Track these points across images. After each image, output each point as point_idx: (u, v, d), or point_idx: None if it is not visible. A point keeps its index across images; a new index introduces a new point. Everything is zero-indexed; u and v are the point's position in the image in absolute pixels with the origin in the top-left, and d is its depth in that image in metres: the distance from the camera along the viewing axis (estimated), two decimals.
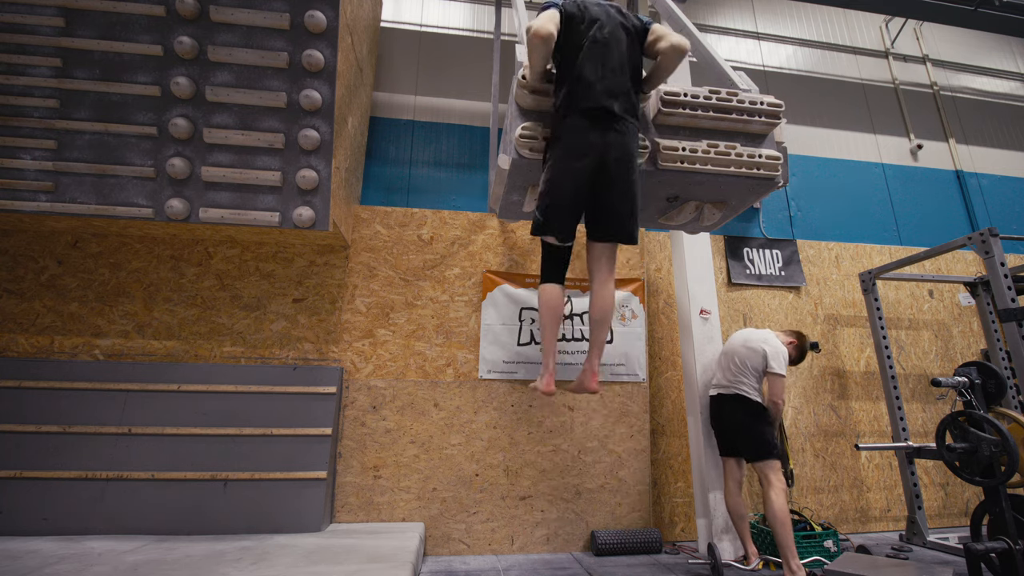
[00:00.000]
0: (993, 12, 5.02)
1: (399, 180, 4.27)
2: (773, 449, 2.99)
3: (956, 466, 2.89)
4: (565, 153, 2.04)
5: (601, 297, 2.13)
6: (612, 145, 2.02)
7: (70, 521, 2.98)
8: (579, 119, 2.03)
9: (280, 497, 3.16)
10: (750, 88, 2.45)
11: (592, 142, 2.01)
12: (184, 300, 3.55)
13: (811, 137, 5.24)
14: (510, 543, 3.47)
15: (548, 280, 2.19)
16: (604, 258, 2.15)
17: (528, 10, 4.93)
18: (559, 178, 2.04)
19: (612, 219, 2.08)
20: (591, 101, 2.03)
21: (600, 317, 2.11)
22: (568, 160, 2.03)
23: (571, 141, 2.03)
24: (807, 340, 3.37)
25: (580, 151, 2.01)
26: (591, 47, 2.11)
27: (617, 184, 2.03)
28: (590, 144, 2.01)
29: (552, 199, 2.05)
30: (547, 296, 2.17)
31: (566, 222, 2.08)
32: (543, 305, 2.17)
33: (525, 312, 3.87)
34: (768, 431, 3.05)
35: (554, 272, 2.20)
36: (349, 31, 3.34)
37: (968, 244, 3.35)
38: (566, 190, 2.03)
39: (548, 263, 2.21)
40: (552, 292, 2.17)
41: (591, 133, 2.01)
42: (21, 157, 2.95)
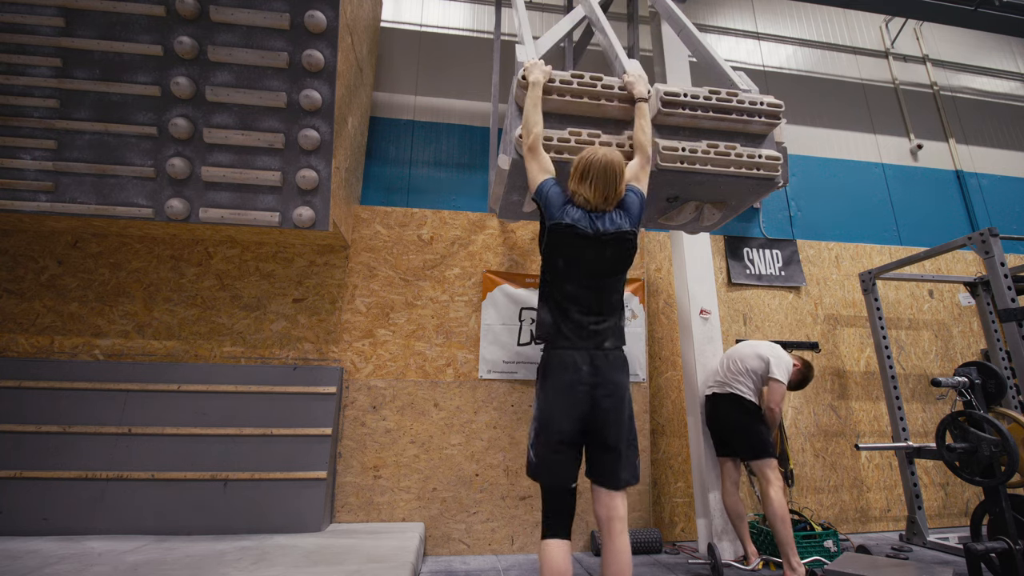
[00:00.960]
0: (993, 12, 5.02)
1: (399, 180, 4.27)
2: (769, 447, 3.00)
3: (956, 466, 2.89)
4: (555, 390, 1.86)
5: (615, 553, 1.76)
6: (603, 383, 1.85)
7: (70, 521, 2.98)
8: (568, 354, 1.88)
9: (280, 497, 3.16)
10: (750, 88, 2.45)
11: (582, 380, 1.84)
12: (184, 300, 3.55)
13: (811, 137, 5.24)
14: (510, 543, 3.47)
15: (551, 535, 1.79)
16: (612, 504, 1.84)
17: (528, 10, 4.94)
18: (550, 417, 1.84)
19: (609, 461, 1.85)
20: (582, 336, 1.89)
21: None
22: (558, 397, 1.85)
23: (561, 378, 1.86)
24: (812, 371, 3.32)
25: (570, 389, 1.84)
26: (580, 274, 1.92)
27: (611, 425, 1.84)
28: (580, 381, 1.84)
29: (543, 438, 1.84)
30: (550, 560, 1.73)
31: (561, 464, 1.82)
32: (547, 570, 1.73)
33: (525, 312, 3.87)
34: (764, 430, 3.06)
35: (557, 523, 1.81)
36: (349, 31, 3.34)
37: (968, 244, 3.35)
38: (558, 430, 1.82)
39: (550, 510, 1.83)
40: (556, 554, 1.74)
41: (581, 371, 1.85)
42: (21, 157, 2.94)
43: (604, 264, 1.93)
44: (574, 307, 1.92)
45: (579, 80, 2.25)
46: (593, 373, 1.86)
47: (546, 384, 1.90)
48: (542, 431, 1.86)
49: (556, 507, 1.84)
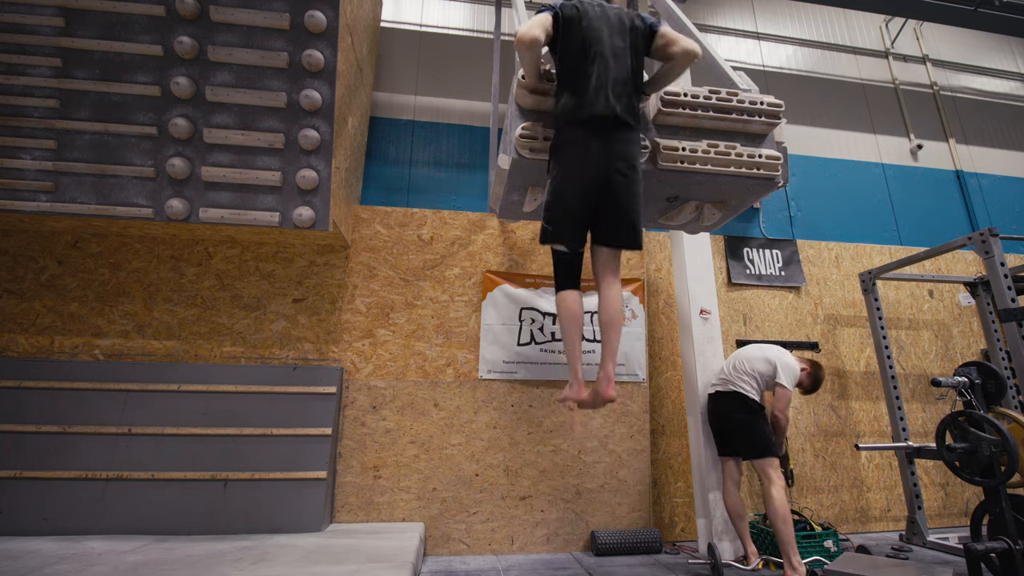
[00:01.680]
0: (993, 12, 5.02)
1: (399, 180, 4.27)
2: (772, 446, 3.00)
3: (956, 466, 2.89)
4: (568, 164, 2.03)
5: (609, 299, 2.10)
6: (614, 155, 2.01)
7: (70, 521, 2.98)
8: (579, 129, 2.02)
9: (280, 497, 3.16)
10: (750, 88, 2.45)
11: (594, 152, 2.00)
12: (184, 300, 3.55)
13: (811, 137, 5.24)
14: (510, 543, 3.47)
15: (564, 287, 2.15)
16: (610, 262, 2.14)
17: (528, 10, 4.94)
18: (563, 189, 2.03)
19: (617, 227, 2.07)
20: (591, 110, 2.02)
21: (609, 319, 2.08)
22: (571, 171, 2.02)
23: (573, 151, 2.02)
24: (822, 372, 3.32)
25: (582, 162, 2.00)
26: (591, 52, 2.08)
27: (621, 193, 2.02)
28: (592, 154, 1.99)
29: (557, 210, 2.05)
30: (567, 304, 2.12)
31: (573, 231, 2.07)
32: (563, 314, 2.12)
33: (525, 312, 3.87)
34: (766, 429, 3.06)
35: (568, 279, 2.16)
36: (349, 31, 3.34)
37: (968, 244, 3.35)
38: (571, 201, 2.02)
39: (561, 271, 2.17)
40: (571, 299, 2.12)
41: (592, 143, 2.00)
42: (21, 157, 2.95)
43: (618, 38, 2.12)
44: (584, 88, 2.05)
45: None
46: (605, 146, 2.01)
47: (559, 157, 2.06)
48: (556, 199, 2.04)
49: (568, 269, 2.14)
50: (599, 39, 2.10)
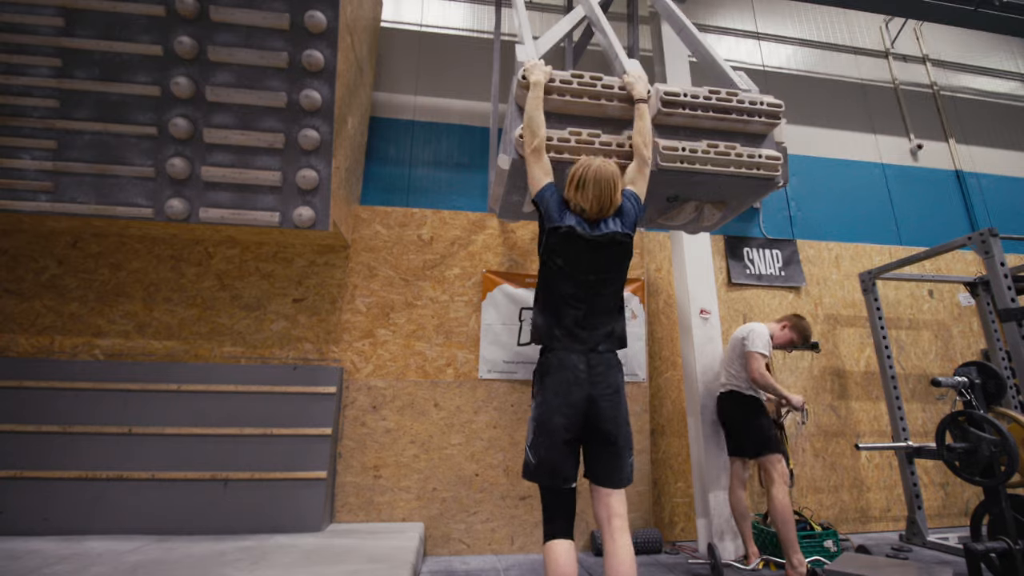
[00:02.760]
0: (993, 12, 5.02)
1: (399, 180, 4.27)
2: (771, 443, 3.00)
3: (956, 466, 2.89)
4: (552, 390, 1.88)
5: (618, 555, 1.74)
6: (599, 382, 1.88)
7: (70, 521, 2.98)
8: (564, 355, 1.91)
9: (280, 497, 3.16)
10: (750, 88, 2.45)
11: (579, 379, 1.87)
12: (184, 300, 3.55)
13: (811, 137, 5.24)
14: (510, 543, 3.47)
15: (552, 535, 1.79)
16: (611, 503, 1.85)
17: (528, 10, 4.94)
18: (548, 417, 1.85)
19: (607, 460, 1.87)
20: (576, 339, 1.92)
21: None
22: (555, 397, 1.86)
23: (558, 377, 1.88)
24: (804, 321, 3.29)
25: (567, 388, 1.86)
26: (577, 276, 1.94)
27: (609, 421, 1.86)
28: (577, 381, 1.86)
29: (543, 440, 1.84)
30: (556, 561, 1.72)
31: (560, 464, 1.82)
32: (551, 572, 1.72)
33: (525, 312, 3.87)
34: (762, 424, 3.05)
35: (558, 524, 1.81)
36: (349, 31, 3.34)
37: (968, 244, 3.35)
38: (557, 429, 1.83)
39: (549, 512, 1.84)
40: (560, 554, 1.74)
41: (578, 370, 1.88)
42: (21, 157, 2.94)
43: (599, 267, 1.96)
44: (569, 309, 1.95)
45: (579, 80, 2.25)
46: (589, 373, 1.89)
47: (544, 385, 1.92)
48: (541, 431, 1.86)
49: (557, 508, 1.84)
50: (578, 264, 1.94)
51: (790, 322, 3.30)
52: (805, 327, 3.28)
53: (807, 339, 3.28)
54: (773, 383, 3.05)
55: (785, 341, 3.29)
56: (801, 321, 3.29)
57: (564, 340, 1.92)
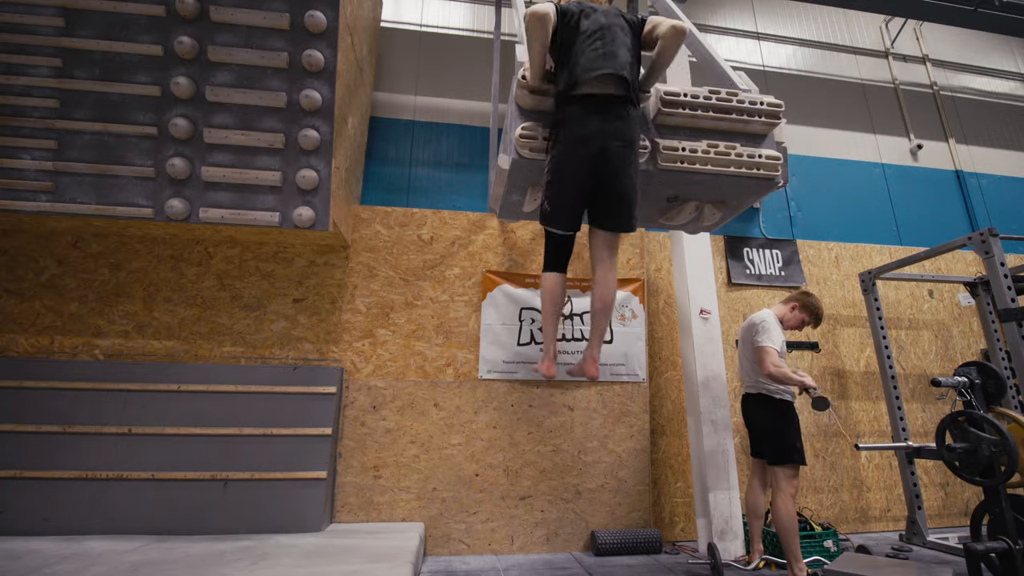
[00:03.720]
0: (993, 12, 5.02)
1: (399, 180, 4.27)
2: (793, 454, 2.87)
3: (956, 466, 2.89)
4: (568, 141, 2.05)
5: (604, 285, 2.15)
6: (614, 132, 2.03)
7: (70, 521, 2.98)
8: (580, 106, 2.05)
9: (280, 497, 3.16)
10: (750, 88, 2.45)
11: (594, 129, 2.02)
12: (184, 300, 3.55)
13: (811, 137, 5.24)
14: (510, 543, 3.47)
15: (552, 269, 2.24)
16: (607, 246, 2.18)
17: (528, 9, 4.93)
18: (563, 166, 2.06)
19: (612, 207, 2.10)
20: (592, 86, 2.05)
21: (602, 305, 2.13)
22: (571, 148, 2.04)
23: (573, 129, 2.04)
24: (813, 298, 3.18)
25: (583, 138, 2.02)
26: (590, 35, 2.13)
27: (618, 171, 2.05)
28: (592, 131, 2.02)
29: (558, 187, 2.08)
30: (550, 284, 2.22)
31: (572, 210, 2.12)
32: (546, 292, 2.22)
33: (525, 312, 3.87)
34: (787, 433, 2.91)
35: (558, 261, 2.24)
36: (349, 31, 3.34)
37: (968, 244, 3.35)
38: (571, 178, 2.06)
39: (552, 252, 2.24)
40: (555, 280, 2.22)
41: (592, 120, 2.02)
42: (21, 157, 2.95)
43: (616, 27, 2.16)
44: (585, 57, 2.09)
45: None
46: (605, 123, 2.03)
47: (560, 135, 2.08)
48: (557, 179, 2.08)
49: (560, 251, 2.23)
50: (598, 24, 2.16)
51: (799, 301, 3.20)
52: (814, 304, 3.16)
53: (818, 316, 3.16)
54: (788, 373, 2.90)
55: (796, 322, 3.19)
56: (810, 299, 3.18)
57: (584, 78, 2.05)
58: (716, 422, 3.53)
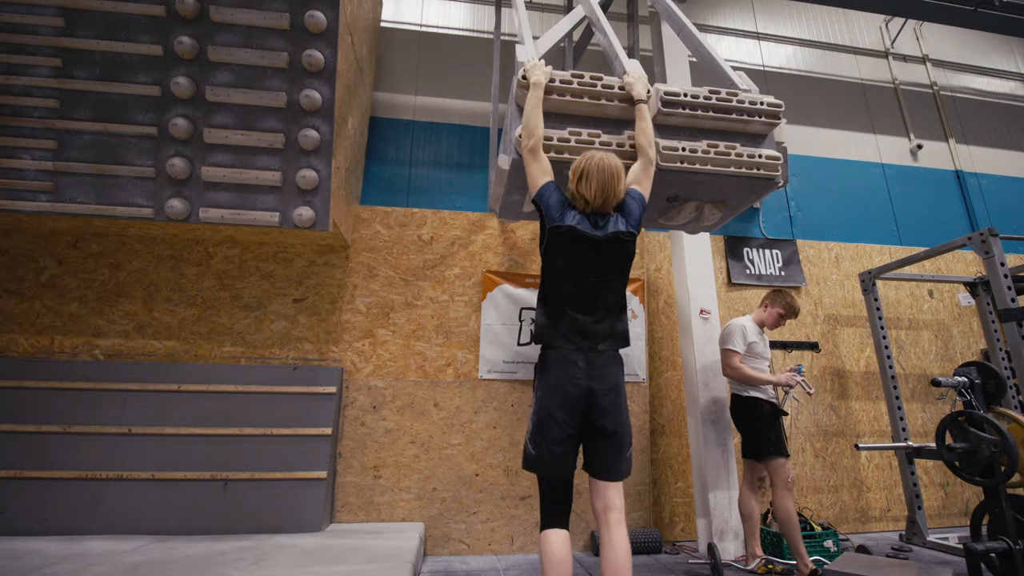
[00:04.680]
0: (993, 12, 5.02)
1: (399, 180, 4.27)
2: (770, 446, 2.98)
3: (956, 466, 2.89)
4: (552, 386, 1.90)
5: (614, 548, 1.79)
6: (599, 378, 1.90)
7: (70, 521, 2.98)
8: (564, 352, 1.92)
9: (280, 497, 3.16)
10: (750, 88, 2.45)
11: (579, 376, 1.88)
12: (184, 300, 3.55)
13: (811, 137, 5.24)
14: (510, 543, 3.47)
15: (550, 525, 1.85)
16: (608, 496, 1.89)
17: (528, 10, 4.94)
18: (548, 411, 1.88)
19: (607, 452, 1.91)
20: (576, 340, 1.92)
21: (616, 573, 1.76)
22: (555, 393, 1.89)
23: (558, 373, 1.90)
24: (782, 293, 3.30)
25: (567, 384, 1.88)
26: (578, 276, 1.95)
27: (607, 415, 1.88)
28: (577, 377, 1.88)
29: (541, 432, 1.88)
30: (551, 549, 1.78)
31: (559, 456, 1.86)
32: (547, 564, 1.76)
33: (525, 312, 3.87)
34: (764, 428, 3.03)
35: (554, 514, 1.87)
36: (349, 31, 3.34)
37: (968, 244, 3.35)
38: (555, 423, 1.86)
39: (546, 502, 1.89)
40: (556, 542, 1.79)
41: (577, 368, 1.89)
42: (21, 157, 2.94)
43: (602, 265, 1.95)
44: (571, 308, 1.95)
45: (579, 80, 2.25)
46: (589, 370, 1.90)
47: (544, 380, 1.94)
48: (541, 425, 1.90)
49: (554, 499, 1.89)
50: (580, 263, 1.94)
51: (769, 299, 3.32)
52: (784, 298, 3.28)
53: (793, 308, 3.27)
54: (750, 373, 3.08)
55: (774, 319, 3.28)
56: (779, 295, 3.30)
57: (565, 340, 1.93)
58: (716, 422, 3.53)
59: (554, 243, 1.96)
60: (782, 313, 3.27)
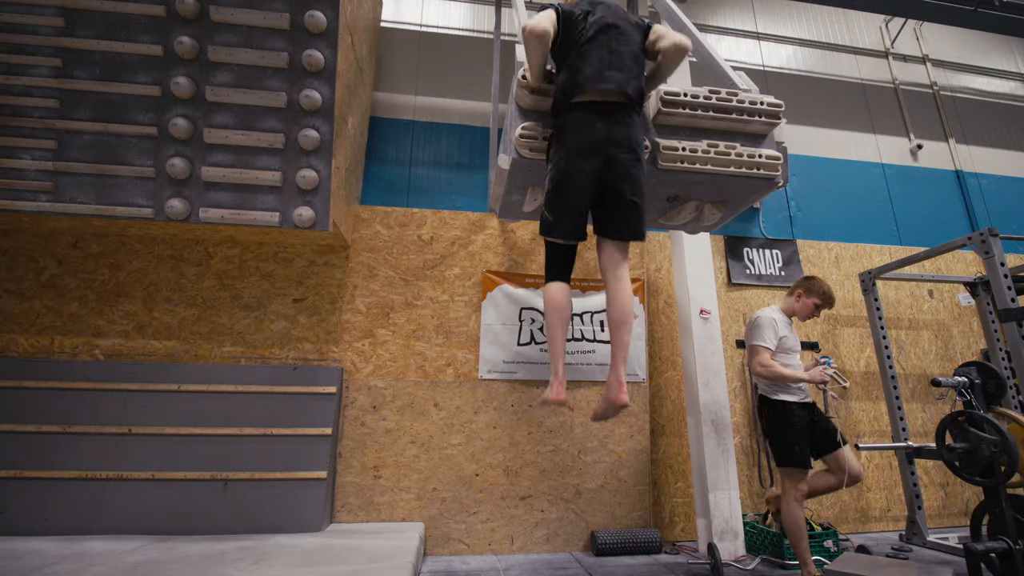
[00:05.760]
0: (993, 12, 5.02)
1: (399, 180, 4.27)
2: (785, 454, 2.82)
3: (956, 466, 2.89)
4: (571, 149, 1.96)
5: (619, 296, 1.99)
6: (618, 139, 1.95)
7: (70, 521, 2.98)
8: (583, 112, 1.97)
9: (280, 497, 3.16)
10: (750, 88, 2.45)
11: (598, 137, 1.93)
12: (184, 300, 3.55)
13: (811, 137, 5.24)
14: (510, 543, 3.47)
15: (554, 279, 2.10)
16: (617, 255, 2.03)
17: (528, 10, 4.94)
18: (566, 175, 1.96)
19: (619, 216, 2.00)
20: (595, 92, 1.97)
21: (620, 318, 1.95)
22: (574, 156, 1.95)
23: (576, 136, 1.96)
24: (816, 280, 3.04)
25: (586, 147, 1.94)
26: (594, 37, 2.05)
27: (623, 178, 1.95)
28: (596, 139, 1.93)
29: (559, 198, 1.98)
30: (554, 295, 2.06)
31: (575, 221, 2.00)
32: (550, 305, 2.04)
33: (525, 312, 3.87)
34: (786, 433, 2.82)
35: (560, 271, 2.11)
36: (349, 31, 3.34)
37: (968, 244, 3.35)
38: (573, 188, 1.95)
39: (553, 262, 2.11)
40: (559, 291, 2.07)
41: (596, 127, 1.94)
42: (21, 157, 2.95)
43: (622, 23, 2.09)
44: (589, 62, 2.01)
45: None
46: (607, 131, 1.95)
47: (561, 142, 2.00)
48: (557, 188, 1.98)
49: (561, 260, 2.11)
50: (603, 23, 2.08)
51: (803, 287, 3.07)
52: (819, 286, 3.02)
53: (830, 296, 3.01)
54: (781, 371, 2.84)
55: (808, 310, 3.03)
56: (813, 281, 3.05)
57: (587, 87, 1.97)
58: (716, 422, 3.53)
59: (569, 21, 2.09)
60: (818, 303, 3.01)
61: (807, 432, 2.86)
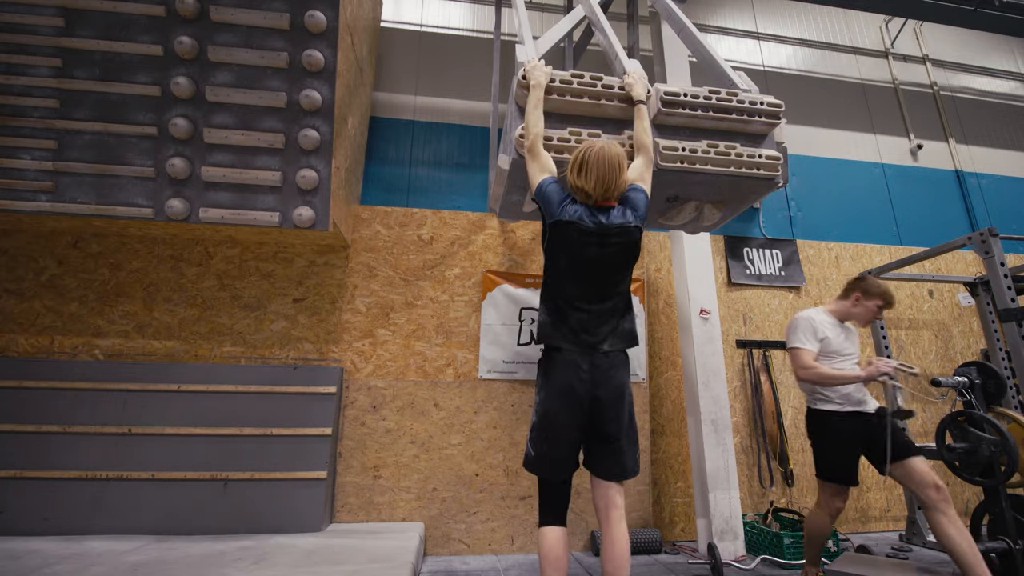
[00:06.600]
0: (993, 12, 5.02)
1: (399, 180, 4.27)
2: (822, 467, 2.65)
3: (956, 466, 2.89)
4: (554, 387, 1.87)
5: (614, 542, 1.81)
6: (603, 382, 1.85)
7: (70, 521, 2.98)
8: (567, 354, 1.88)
9: (280, 497, 3.16)
10: (750, 88, 2.45)
11: (583, 379, 1.84)
12: (184, 300, 3.55)
13: (811, 137, 5.24)
14: (510, 543, 3.47)
15: (547, 523, 1.86)
16: (611, 493, 1.88)
17: (528, 10, 4.94)
18: (550, 415, 1.86)
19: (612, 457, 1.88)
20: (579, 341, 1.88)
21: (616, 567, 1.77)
22: (558, 396, 1.85)
23: (561, 376, 1.86)
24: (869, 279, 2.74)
25: (569, 386, 1.84)
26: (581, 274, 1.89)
27: (612, 421, 1.85)
28: (580, 381, 1.84)
29: (544, 436, 1.86)
30: (550, 547, 1.80)
31: (562, 460, 1.87)
32: (544, 560, 1.80)
33: (525, 312, 3.87)
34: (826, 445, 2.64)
35: (553, 510, 1.88)
36: (349, 31, 3.34)
37: (968, 244, 3.34)
38: (558, 428, 1.84)
39: (545, 501, 1.90)
40: (554, 540, 1.82)
41: (580, 370, 1.85)
42: (21, 157, 2.94)
43: (607, 261, 1.88)
44: (574, 306, 1.90)
45: (579, 80, 2.25)
46: (592, 373, 1.85)
47: (547, 383, 1.90)
48: (542, 429, 1.88)
49: (553, 497, 1.91)
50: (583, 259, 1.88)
51: (860, 290, 2.70)
52: (878, 286, 2.70)
53: (891, 296, 2.70)
54: (829, 372, 2.54)
55: (870, 313, 2.70)
56: (867, 282, 2.72)
57: (568, 340, 1.89)
58: (716, 422, 3.53)
59: (556, 238, 1.90)
60: (880, 304, 2.69)
61: (854, 445, 2.58)
